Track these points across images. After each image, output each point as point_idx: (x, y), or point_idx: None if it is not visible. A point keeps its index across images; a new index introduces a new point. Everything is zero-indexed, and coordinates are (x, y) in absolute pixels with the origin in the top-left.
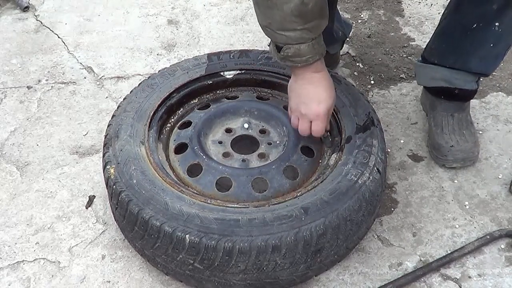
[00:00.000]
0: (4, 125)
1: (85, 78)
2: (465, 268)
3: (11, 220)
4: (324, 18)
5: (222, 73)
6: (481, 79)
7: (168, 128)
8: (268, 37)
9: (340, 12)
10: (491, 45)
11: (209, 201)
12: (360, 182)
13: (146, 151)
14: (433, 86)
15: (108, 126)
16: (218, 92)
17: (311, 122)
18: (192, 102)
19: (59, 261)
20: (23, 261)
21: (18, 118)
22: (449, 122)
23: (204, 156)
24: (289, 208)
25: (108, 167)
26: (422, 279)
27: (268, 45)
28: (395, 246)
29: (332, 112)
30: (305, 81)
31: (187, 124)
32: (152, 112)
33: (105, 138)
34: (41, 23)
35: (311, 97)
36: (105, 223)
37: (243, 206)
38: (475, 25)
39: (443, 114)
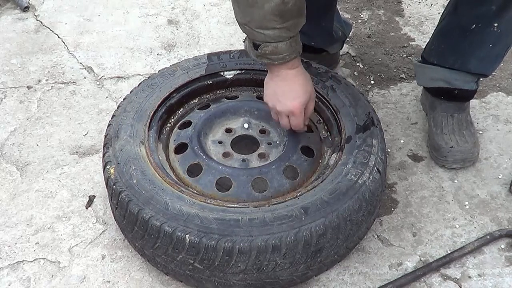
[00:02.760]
0: (4, 125)
1: (85, 78)
2: (465, 268)
3: (11, 220)
4: (302, 17)
5: (222, 73)
6: (481, 79)
7: (168, 128)
8: (246, 34)
9: (340, 12)
10: (490, 45)
11: (209, 201)
12: (360, 182)
13: (146, 151)
14: (432, 86)
15: (108, 126)
16: (218, 92)
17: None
18: (192, 102)
19: (59, 261)
20: (23, 261)
21: (18, 118)
22: (449, 123)
23: (204, 156)
24: (289, 208)
25: (108, 167)
26: (422, 279)
27: (243, 42)
28: (395, 246)
29: (332, 112)
30: (280, 78)
31: (187, 124)
32: (152, 112)
33: (105, 138)
34: (41, 23)
35: (285, 94)
36: (105, 223)
37: (243, 206)
38: (474, 25)
39: (443, 115)
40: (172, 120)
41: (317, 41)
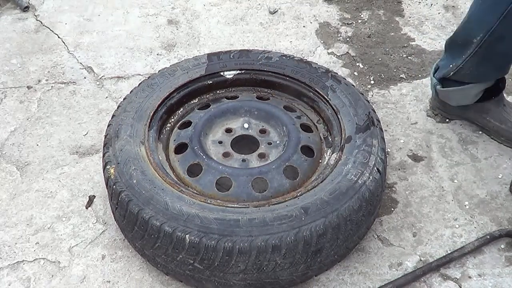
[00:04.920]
0: (4, 125)
1: (85, 78)
2: (465, 268)
3: (11, 220)
4: None
5: (222, 73)
6: None
7: (168, 128)
8: None
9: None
10: None
11: (209, 201)
12: (360, 182)
13: (146, 151)
14: (479, 98)
15: (108, 126)
16: (218, 92)
17: None
18: (192, 102)
19: (59, 261)
20: (23, 261)
21: (18, 118)
22: (508, 112)
23: (204, 156)
24: (289, 208)
25: (108, 167)
26: (422, 279)
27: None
28: (395, 246)
29: (332, 112)
30: None
31: (187, 124)
32: (152, 112)
33: (105, 138)
34: (41, 23)
35: None
36: (105, 223)
37: (243, 206)
38: None
39: (500, 110)
40: (172, 120)
41: None
